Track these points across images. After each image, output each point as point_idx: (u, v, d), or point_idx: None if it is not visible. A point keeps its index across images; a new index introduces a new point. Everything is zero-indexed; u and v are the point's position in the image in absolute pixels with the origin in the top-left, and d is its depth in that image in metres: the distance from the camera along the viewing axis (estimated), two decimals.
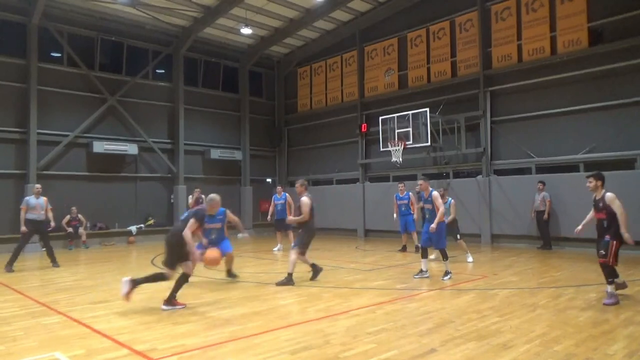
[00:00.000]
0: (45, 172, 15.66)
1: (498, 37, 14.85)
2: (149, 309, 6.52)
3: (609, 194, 6.55)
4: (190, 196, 14.91)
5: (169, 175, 18.73)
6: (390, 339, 4.98)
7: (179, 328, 5.54)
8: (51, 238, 11.42)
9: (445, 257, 8.63)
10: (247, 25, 17.39)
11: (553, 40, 13.64)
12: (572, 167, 13.30)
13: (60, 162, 16.21)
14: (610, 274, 6.45)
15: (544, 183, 13.00)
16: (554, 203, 12.83)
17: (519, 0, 14.37)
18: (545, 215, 12.73)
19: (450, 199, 11.22)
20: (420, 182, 9.00)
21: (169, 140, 18.84)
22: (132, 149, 17.30)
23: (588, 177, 6.85)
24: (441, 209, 8.42)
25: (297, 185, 8.84)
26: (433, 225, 8.42)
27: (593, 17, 12.91)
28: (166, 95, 18.93)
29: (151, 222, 17.97)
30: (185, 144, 18.93)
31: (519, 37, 14.36)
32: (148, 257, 12.77)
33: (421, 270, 8.78)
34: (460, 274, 9.18)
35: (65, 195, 15.79)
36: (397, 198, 13.03)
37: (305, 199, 8.43)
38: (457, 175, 15.99)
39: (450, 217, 10.58)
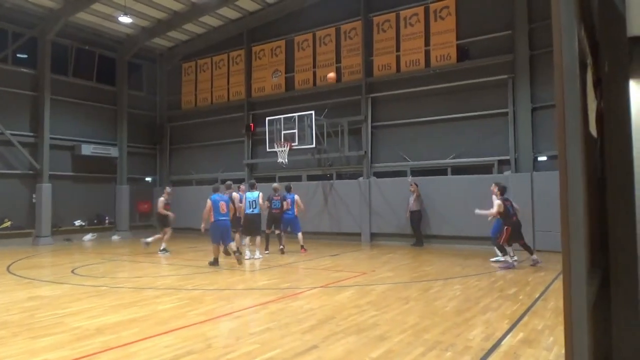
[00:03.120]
0: None
1: (379, 47, 15.74)
2: (2, 323, 5.76)
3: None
4: (162, 198, 12.86)
5: (31, 172, 16.74)
6: (273, 338, 4.99)
7: (39, 342, 4.98)
8: None
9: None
10: (126, 14, 16.22)
11: (427, 54, 14.83)
12: (441, 171, 14.58)
13: None
14: (501, 249, 9.85)
15: (416, 184, 14.05)
16: (425, 203, 13.95)
17: (399, 15, 15.38)
18: (415, 209, 13.76)
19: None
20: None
21: (31, 134, 16.84)
22: None
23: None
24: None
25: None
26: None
27: (461, 35, 14.30)
28: (29, 83, 16.91)
29: (7, 224, 15.88)
30: (51, 138, 17.06)
31: (398, 49, 15.37)
32: (2, 263, 11.29)
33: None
34: (341, 271, 9.54)
35: None
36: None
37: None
38: (340, 176, 16.61)
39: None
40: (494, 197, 10.05)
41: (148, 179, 20.99)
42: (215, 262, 10.25)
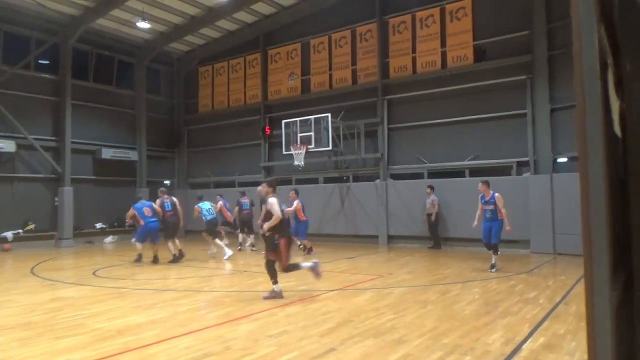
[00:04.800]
0: None
1: (395, 48, 15.69)
2: (25, 324, 5.89)
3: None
4: (158, 199, 12.67)
5: (53, 175, 17.10)
6: (291, 340, 5.00)
7: (61, 342, 5.07)
8: None
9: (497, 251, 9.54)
10: (144, 19, 16.49)
11: (443, 55, 14.73)
12: (458, 173, 14.45)
13: None
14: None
15: (432, 187, 13.94)
16: (442, 206, 13.83)
17: (414, 16, 15.32)
18: (433, 217, 13.67)
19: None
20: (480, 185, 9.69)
21: (53, 138, 17.21)
22: (8, 146, 15.54)
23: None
24: (504, 211, 9.26)
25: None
26: (508, 228, 9.29)
27: (478, 36, 14.17)
28: (51, 88, 17.28)
29: (31, 227, 16.24)
30: (72, 142, 17.40)
31: (414, 50, 15.30)
32: (27, 265, 11.54)
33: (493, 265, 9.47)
34: (358, 274, 9.51)
35: None
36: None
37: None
38: (356, 179, 16.58)
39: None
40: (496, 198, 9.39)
41: (167, 181, 21.24)
42: (139, 259, 11.68)
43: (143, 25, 16.73)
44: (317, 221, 16.70)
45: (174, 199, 12.50)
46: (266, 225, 7.12)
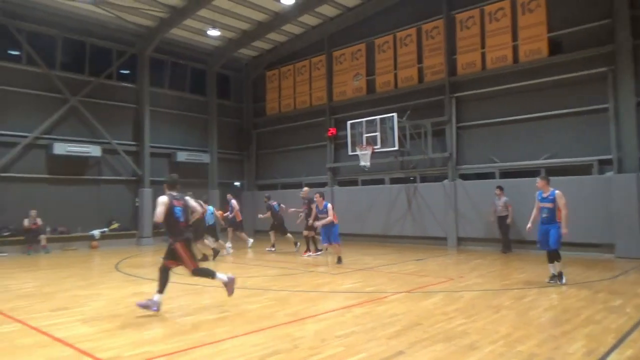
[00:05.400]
0: (3, 174, 15.03)
1: (463, 45, 15.22)
2: (112, 316, 6.33)
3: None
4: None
5: (134, 178, 18.28)
6: (358, 342, 5.00)
7: (143, 334, 5.41)
8: (9, 242, 10.95)
9: (558, 258, 8.20)
10: (214, 27, 17.20)
11: (515, 49, 14.08)
12: (533, 172, 13.72)
13: (18, 164, 15.57)
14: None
15: (502, 188, 13.31)
16: (515, 207, 13.18)
17: (483, 10, 14.78)
18: (510, 220, 13.05)
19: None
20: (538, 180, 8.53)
21: (134, 143, 18.40)
22: (95, 150, 16.80)
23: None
24: (564, 211, 8.06)
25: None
26: (565, 231, 8.04)
27: (552, 27, 13.40)
28: (131, 97, 18.49)
29: (115, 226, 17.47)
30: (151, 147, 18.53)
31: (483, 46, 14.75)
32: (112, 262, 12.42)
33: (554, 275, 8.27)
34: (427, 276, 9.33)
35: (25, 198, 15.18)
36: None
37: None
38: (424, 179, 16.25)
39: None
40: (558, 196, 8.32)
41: (237, 183, 22.00)
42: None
43: (213, 33, 17.46)
44: (383, 222, 16.58)
45: (200, 202, 12.89)
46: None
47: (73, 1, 15.52)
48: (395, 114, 15.20)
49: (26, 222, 14.74)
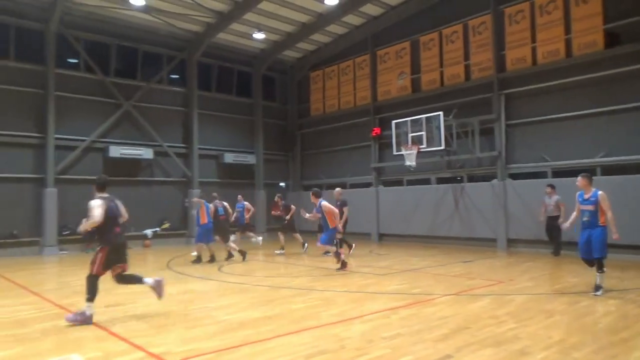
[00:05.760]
0: (62, 176, 15.90)
1: (512, 40, 14.72)
2: (163, 312, 6.56)
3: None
4: (212, 204, 13.24)
5: (184, 179, 18.89)
6: (405, 344, 4.94)
7: (192, 331, 5.57)
8: (69, 241, 11.57)
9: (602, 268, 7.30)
10: (259, 30, 17.50)
11: (568, 43, 13.48)
12: (587, 171, 13.03)
13: (77, 167, 16.44)
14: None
15: (553, 187, 12.72)
16: (568, 208, 12.58)
17: (533, 3, 14.24)
18: (562, 220, 12.47)
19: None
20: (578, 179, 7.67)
21: (183, 145, 19.01)
22: (147, 153, 17.49)
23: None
24: (609, 214, 7.19)
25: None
26: (616, 236, 7.18)
27: (609, 18, 12.73)
28: (180, 100, 19.12)
29: (166, 225, 18.12)
30: (199, 149, 19.09)
31: (533, 40, 14.22)
32: (163, 260, 12.88)
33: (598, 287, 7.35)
34: (475, 278, 9.10)
35: (83, 199, 15.92)
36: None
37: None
38: (471, 179, 15.86)
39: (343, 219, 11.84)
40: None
41: (282, 184, 22.26)
42: None
43: (259, 36, 17.78)
44: (429, 223, 16.31)
45: (225, 203, 13.33)
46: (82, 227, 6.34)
47: (126, 10, 16.21)
48: (441, 113, 14.93)
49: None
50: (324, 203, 10.54)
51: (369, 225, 18.21)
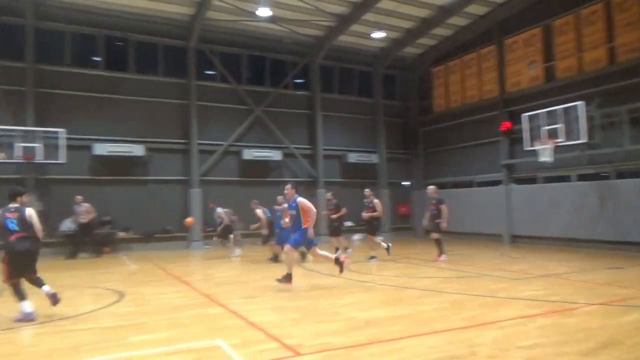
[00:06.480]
0: (205, 178, 17.64)
1: None
2: (296, 307, 6.93)
3: None
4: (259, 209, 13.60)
5: (310, 179, 19.67)
6: (544, 355, 4.59)
7: (323, 326, 5.79)
8: (211, 237, 12.78)
9: None
10: (379, 29, 17.54)
11: None
12: None
13: (217, 169, 18.11)
14: None
15: None
16: None
17: None
18: None
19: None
20: None
21: (308, 146, 19.82)
22: (276, 155, 18.60)
23: None
24: None
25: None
26: None
27: None
28: (305, 103, 19.96)
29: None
30: (323, 149, 19.75)
31: None
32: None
33: None
34: (628, 287, 8.11)
35: (222, 199, 17.45)
36: None
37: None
38: (620, 175, 14.12)
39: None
40: None
41: (405, 183, 22.04)
42: None
43: (378, 35, 17.82)
44: (568, 224, 14.89)
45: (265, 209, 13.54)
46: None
47: (254, 21, 17.39)
48: (582, 102, 13.53)
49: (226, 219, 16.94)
50: (301, 199, 9.14)
51: (498, 226, 17.20)
